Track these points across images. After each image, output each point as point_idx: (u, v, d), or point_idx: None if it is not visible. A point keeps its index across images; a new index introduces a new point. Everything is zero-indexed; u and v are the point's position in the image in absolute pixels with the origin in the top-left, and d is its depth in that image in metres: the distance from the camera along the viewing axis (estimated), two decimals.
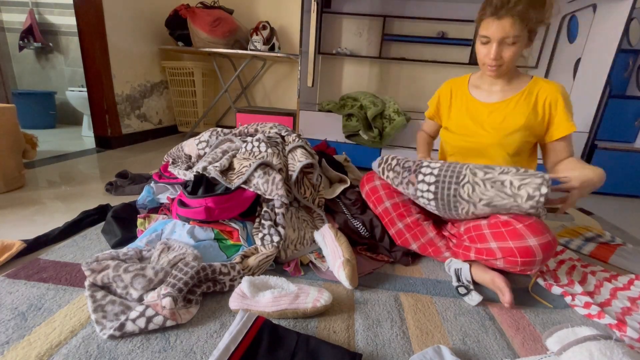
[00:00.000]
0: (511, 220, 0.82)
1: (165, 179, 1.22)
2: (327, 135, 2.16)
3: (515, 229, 0.79)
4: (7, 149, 1.35)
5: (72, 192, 1.41)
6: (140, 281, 0.72)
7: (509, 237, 0.80)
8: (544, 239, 0.77)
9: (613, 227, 1.45)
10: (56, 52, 3.10)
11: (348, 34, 2.64)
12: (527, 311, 0.82)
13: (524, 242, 0.78)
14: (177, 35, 2.47)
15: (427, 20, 2.49)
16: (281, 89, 2.95)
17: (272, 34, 2.41)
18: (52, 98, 3.05)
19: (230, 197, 0.97)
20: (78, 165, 1.84)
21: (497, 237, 0.82)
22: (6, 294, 0.73)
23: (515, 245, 0.78)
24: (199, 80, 2.65)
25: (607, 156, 1.96)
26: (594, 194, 2.02)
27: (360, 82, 2.75)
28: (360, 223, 1.07)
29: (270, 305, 0.72)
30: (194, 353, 0.61)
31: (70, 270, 0.84)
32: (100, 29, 2.04)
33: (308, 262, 0.95)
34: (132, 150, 2.25)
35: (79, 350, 0.60)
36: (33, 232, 1.00)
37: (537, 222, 0.80)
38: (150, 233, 0.96)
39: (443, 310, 0.80)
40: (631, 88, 2.05)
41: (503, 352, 0.68)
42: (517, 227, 0.79)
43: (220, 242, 0.95)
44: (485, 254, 0.85)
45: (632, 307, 0.82)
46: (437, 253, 0.98)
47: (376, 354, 0.65)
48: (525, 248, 0.77)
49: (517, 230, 0.79)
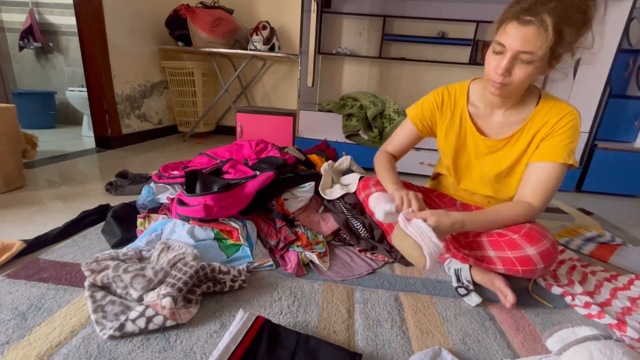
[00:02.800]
0: (506, 232, 0.81)
1: (165, 179, 1.22)
2: (327, 135, 2.16)
3: (512, 239, 0.79)
4: (7, 149, 1.35)
5: (72, 192, 1.41)
6: (140, 281, 0.72)
7: (506, 247, 0.79)
8: (542, 246, 0.76)
9: (613, 227, 1.45)
10: (56, 52, 3.10)
11: (348, 34, 2.63)
12: (527, 311, 0.82)
13: (522, 251, 0.77)
14: (177, 35, 2.47)
15: (427, 20, 2.49)
16: (281, 89, 2.95)
17: (272, 33, 2.41)
18: (52, 98, 3.05)
19: (230, 195, 0.97)
20: (78, 165, 1.84)
21: (495, 247, 0.82)
22: (6, 294, 0.73)
23: (514, 255, 0.78)
24: (199, 80, 2.65)
25: (607, 156, 1.96)
26: (593, 194, 2.02)
27: (360, 82, 2.75)
28: (360, 224, 1.07)
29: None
30: (194, 353, 0.61)
31: (70, 270, 0.84)
32: (100, 29, 2.04)
33: (308, 262, 0.95)
34: (132, 150, 2.25)
35: (79, 350, 0.60)
36: (33, 232, 1.00)
37: (533, 230, 0.78)
38: (150, 233, 0.96)
39: (443, 310, 0.80)
40: (631, 88, 2.05)
41: (503, 352, 0.68)
42: (514, 237, 0.79)
43: (220, 241, 0.95)
44: (485, 261, 0.84)
45: (632, 307, 0.82)
46: None
47: (376, 354, 0.65)
48: (524, 257, 0.77)
49: (514, 240, 0.78)
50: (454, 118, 0.95)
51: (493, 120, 0.90)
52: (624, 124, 2.04)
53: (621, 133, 2.05)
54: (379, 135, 2.03)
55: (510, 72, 0.74)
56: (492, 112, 0.90)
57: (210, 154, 1.36)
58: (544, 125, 0.82)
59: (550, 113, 0.82)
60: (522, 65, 0.72)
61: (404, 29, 2.56)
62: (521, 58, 0.71)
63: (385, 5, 2.49)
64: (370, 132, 2.04)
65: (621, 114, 2.02)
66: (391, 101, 2.12)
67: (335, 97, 2.63)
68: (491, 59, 0.76)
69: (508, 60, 0.72)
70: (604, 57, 1.81)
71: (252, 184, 1.04)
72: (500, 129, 0.89)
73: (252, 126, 2.30)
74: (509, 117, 0.87)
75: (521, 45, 0.69)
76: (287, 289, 0.83)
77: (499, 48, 0.74)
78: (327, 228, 1.11)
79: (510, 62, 0.72)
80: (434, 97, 0.98)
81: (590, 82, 1.91)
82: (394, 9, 2.49)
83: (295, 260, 0.92)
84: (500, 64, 0.73)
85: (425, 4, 2.44)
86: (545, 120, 0.82)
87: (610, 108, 1.98)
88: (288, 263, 0.93)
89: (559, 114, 0.81)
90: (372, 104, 2.06)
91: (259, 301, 0.78)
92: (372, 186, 1.05)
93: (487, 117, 0.91)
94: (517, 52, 0.71)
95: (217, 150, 1.41)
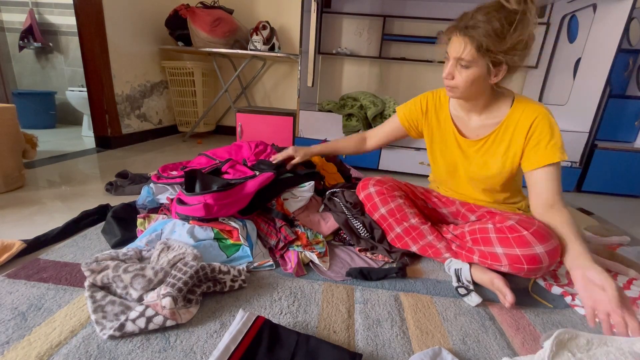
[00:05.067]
0: (517, 226, 0.82)
1: (164, 180, 1.22)
2: (327, 135, 2.16)
3: (522, 235, 0.80)
4: (7, 149, 1.35)
5: (72, 192, 1.41)
6: (140, 281, 0.72)
7: (515, 244, 0.80)
8: (551, 245, 0.78)
9: (613, 227, 1.45)
10: (56, 52, 3.10)
11: (348, 34, 2.63)
12: (527, 311, 0.82)
13: (531, 249, 0.78)
14: (177, 35, 2.47)
15: (427, 20, 2.49)
16: (281, 89, 2.95)
17: (272, 33, 2.41)
18: (52, 98, 3.05)
19: (229, 194, 0.97)
20: (78, 165, 1.84)
21: (503, 243, 0.83)
22: (6, 294, 0.73)
23: (522, 253, 0.79)
24: (199, 80, 2.65)
25: (607, 156, 1.96)
26: (593, 194, 2.02)
27: (360, 82, 2.75)
28: (360, 223, 1.07)
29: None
30: (194, 353, 0.61)
31: (71, 270, 0.84)
32: (100, 29, 2.04)
33: (308, 262, 0.95)
34: (132, 150, 2.25)
35: (79, 350, 0.60)
36: (33, 232, 1.00)
37: (542, 228, 0.80)
38: (150, 233, 0.96)
39: (443, 310, 0.80)
40: (631, 88, 2.05)
41: (503, 352, 0.68)
42: (524, 234, 0.80)
43: (220, 241, 0.95)
44: (490, 258, 0.85)
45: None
46: (437, 254, 0.98)
47: (376, 354, 0.65)
48: (532, 256, 0.78)
49: (524, 237, 0.79)
50: (439, 120, 1.04)
51: (471, 124, 0.98)
52: (624, 124, 2.04)
53: (621, 133, 2.05)
54: None
55: (452, 75, 0.86)
56: (469, 116, 0.98)
57: (210, 155, 1.36)
58: (518, 126, 0.90)
59: (524, 114, 0.89)
60: (462, 70, 0.84)
61: (403, 29, 2.56)
62: (460, 64, 0.83)
63: (385, 5, 2.49)
64: None
65: (621, 114, 2.02)
66: (391, 101, 2.13)
67: (335, 97, 2.63)
68: (444, 66, 0.88)
69: (449, 65, 0.85)
70: (604, 57, 1.81)
71: (251, 183, 1.04)
72: (479, 131, 0.97)
73: (252, 126, 2.30)
74: (485, 120, 0.96)
75: (455, 53, 0.82)
76: (287, 289, 0.83)
77: (445, 56, 0.87)
78: (327, 228, 1.11)
79: (451, 67, 0.85)
80: (419, 102, 1.07)
81: (590, 82, 1.91)
82: (393, 9, 2.49)
83: (295, 260, 0.92)
84: (445, 69, 0.86)
85: (425, 4, 2.44)
86: (518, 120, 0.90)
87: (610, 108, 1.98)
88: (288, 263, 0.93)
89: (531, 117, 0.88)
90: (372, 104, 2.06)
91: (259, 301, 0.78)
92: (371, 186, 1.06)
93: (466, 121, 0.99)
94: (454, 59, 0.83)
95: (217, 150, 1.41)
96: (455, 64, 0.84)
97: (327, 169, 1.48)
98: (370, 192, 1.05)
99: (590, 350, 0.57)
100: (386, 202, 1.03)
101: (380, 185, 1.06)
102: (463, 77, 0.84)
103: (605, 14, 1.84)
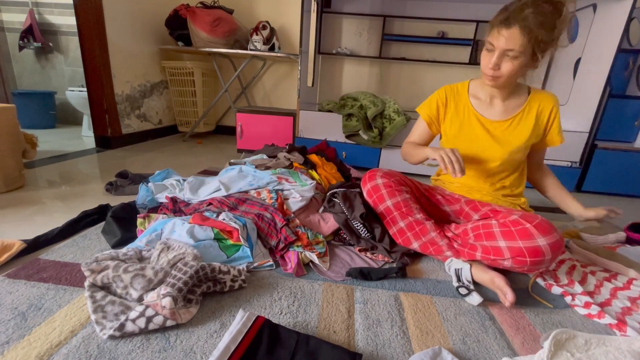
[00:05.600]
0: (520, 219, 0.84)
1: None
2: (327, 135, 2.16)
3: (525, 228, 0.81)
4: (7, 149, 1.35)
5: (72, 192, 1.41)
6: (140, 281, 0.72)
7: (518, 236, 0.82)
8: (553, 238, 0.79)
9: (613, 227, 1.45)
10: (56, 52, 3.10)
11: (348, 34, 2.63)
12: (527, 311, 0.82)
13: (534, 241, 0.79)
14: (177, 35, 2.47)
15: (427, 20, 2.49)
16: (281, 89, 2.95)
17: (272, 33, 2.41)
18: (52, 98, 3.05)
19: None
20: (78, 165, 1.84)
21: (506, 236, 0.84)
22: (6, 294, 0.73)
23: (525, 245, 0.80)
24: (199, 80, 2.65)
25: (607, 156, 1.96)
26: (593, 194, 2.02)
27: (360, 82, 2.75)
28: (360, 224, 1.07)
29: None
30: (194, 353, 0.61)
31: (70, 270, 0.84)
32: (100, 29, 2.04)
33: (308, 262, 0.95)
34: (132, 150, 2.25)
35: (79, 350, 0.60)
36: (33, 232, 1.00)
37: (545, 222, 0.82)
38: (150, 233, 0.96)
39: (443, 310, 0.80)
40: (631, 88, 2.05)
41: (503, 352, 0.68)
42: (527, 226, 0.81)
43: (220, 241, 0.95)
44: (493, 253, 0.85)
45: (632, 307, 0.82)
46: (439, 252, 0.98)
47: (376, 354, 0.65)
48: (535, 248, 0.79)
49: (527, 229, 0.81)
50: (458, 109, 1.09)
51: (494, 108, 1.05)
52: (623, 124, 2.04)
53: (621, 133, 2.05)
54: (379, 135, 2.03)
55: (499, 66, 0.89)
56: (492, 101, 1.05)
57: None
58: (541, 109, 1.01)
59: (543, 99, 1.02)
60: (510, 60, 0.88)
61: (403, 29, 2.56)
62: (508, 54, 0.87)
63: (385, 5, 2.49)
64: (370, 132, 2.04)
65: (621, 114, 2.02)
66: (391, 101, 2.12)
67: (335, 97, 2.63)
68: (485, 55, 0.92)
69: (497, 57, 0.88)
70: (604, 57, 1.81)
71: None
72: (503, 114, 1.04)
73: (252, 126, 2.30)
74: (508, 105, 1.04)
75: (505, 45, 0.85)
76: (287, 289, 0.83)
77: (489, 47, 0.90)
78: (327, 228, 1.11)
79: (498, 59, 0.88)
80: (438, 95, 1.12)
81: (590, 82, 1.91)
82: (394, 9, 2.49)
83: (295, 260, 0.92)
84: (491, 60, 0.89)
85: (425, 4, 2.44)
86: (539, 103, 1.01)
87: (610, 108, 1.98)
88: (288, 263, 0.93)
89: (550, 102, 1.01)
90: (372, 104, 2.06)
91: (259, 301, 0.78)
92: (379, 177, 1.06)
93: (488, 106, 1.05)
94: (503, 50, 0.86)
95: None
96: (501, 54, 0.87)
97: (327, 169, 1.48)
98: (378, 184, 1.06)
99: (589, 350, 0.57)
100: (393, 195, 1.03)
101: (388, 177, 1.06)
102: (509, 67, 0.88)
103: (605, 14, 1.84)
